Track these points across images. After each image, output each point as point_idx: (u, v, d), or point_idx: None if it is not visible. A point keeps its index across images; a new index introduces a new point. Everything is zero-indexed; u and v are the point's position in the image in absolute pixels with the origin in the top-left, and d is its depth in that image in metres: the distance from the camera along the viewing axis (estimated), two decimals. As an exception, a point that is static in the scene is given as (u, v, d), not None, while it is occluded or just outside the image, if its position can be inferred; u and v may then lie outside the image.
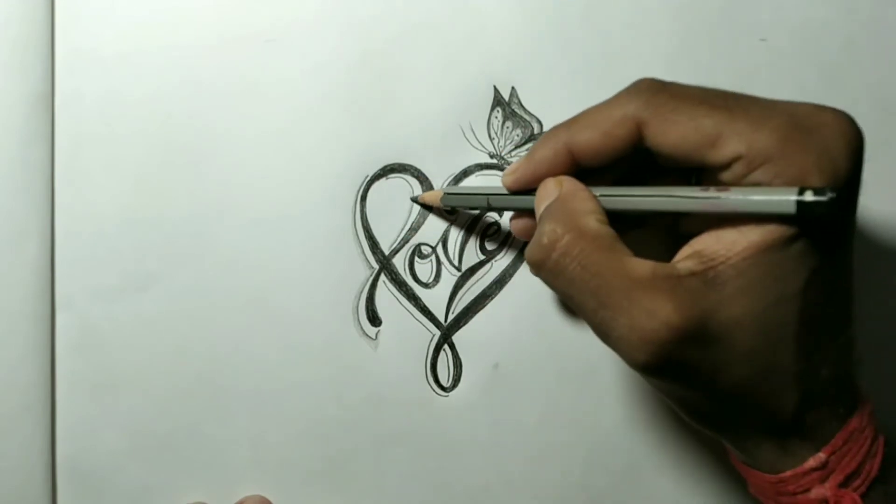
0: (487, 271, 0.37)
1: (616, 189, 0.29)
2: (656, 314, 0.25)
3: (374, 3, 0.36)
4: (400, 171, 0.36)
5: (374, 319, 0.36)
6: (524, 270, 0.37)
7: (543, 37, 0.37)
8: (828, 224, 0.26)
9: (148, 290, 0.36)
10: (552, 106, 0.37)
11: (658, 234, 0.32)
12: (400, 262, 0.37)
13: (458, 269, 0.37)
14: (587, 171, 0.30)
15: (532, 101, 0.37)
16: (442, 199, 0.35)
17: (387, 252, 0.36)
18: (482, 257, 0.37)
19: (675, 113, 0.27)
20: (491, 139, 0.37)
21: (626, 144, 0.28)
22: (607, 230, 0.28)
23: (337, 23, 0.36)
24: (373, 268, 0.36)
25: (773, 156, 0.25)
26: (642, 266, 0.26)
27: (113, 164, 0.36)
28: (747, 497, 0.31)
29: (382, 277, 0.36)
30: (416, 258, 0.37)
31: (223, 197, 0.36)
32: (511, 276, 0.37)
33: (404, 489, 0.37)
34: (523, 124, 0.37)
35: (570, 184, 0.30)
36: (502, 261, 0.37)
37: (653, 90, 0.28)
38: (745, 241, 0.26)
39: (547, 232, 0.28)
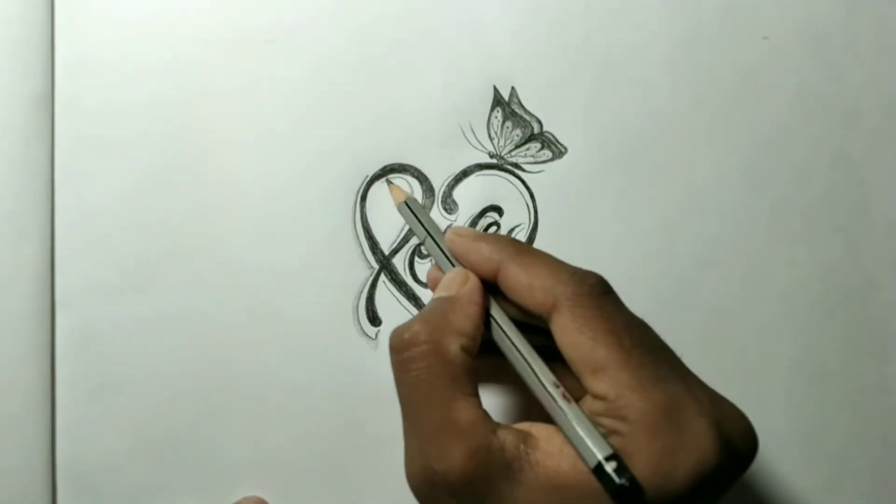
0: (487, 271, 0.37)
1: (502, 321, 0.29)
2: (446, 460, 0.26)
3: (374, 3, 0.36)
4: (400, 171, 0.36)
5: (374, 319, 0.36)
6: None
7: (543, 37, 0.37)
8: None
9: (148, 290, 0.36)
10: (552, 106, 0.37)
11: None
12: (400, 262, 0.37)
13: (458, 269, 0.37)
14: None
15: (532, 101, 0.37)
16: (398, 206, 0.35)
17: (387, 252, 0.36)
18: (482, 257, 0.37)
19: (588, 322, 0.27)
20: (491, 139, 0.37)
21: (538, 310, 0.28)
22: (463, 361, 0.28)
23: (337, 23, 0.36)
24: (373, 268, 0.36)
25: (628, 420, 0.25)
26: (468, 413, 0.27)
27: (113, 165, 0.36)
28: (746, 497, 0.31)
29: (382, 277, 0.36)
30: (416, 258, 0.37)
31: (223, 197, 0.36)
32: (511, 276, 0.37)
33: (404, 489, 0.36)
34: (523, 124, 0.37)
35: (470, 290, 0.30)
36: (502, 261, 0.37)
37: (591, 292, 0.28)
38: (557, 461, 0.26)
39: (413, 329, 0.28)
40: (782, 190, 0.37)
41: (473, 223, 0.37)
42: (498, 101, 0.36)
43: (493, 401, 0.35)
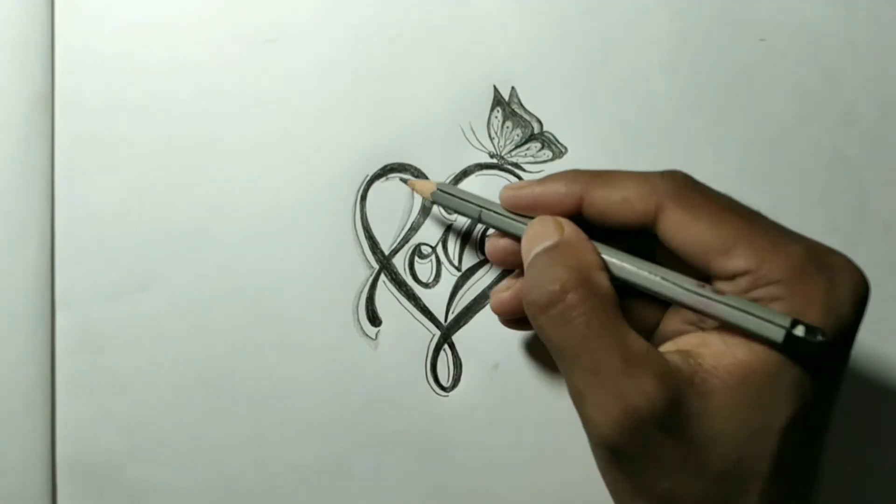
0: (487, 271, 0.37)
1: (614, 252, 0.28)
2: (645, 392, 0.25)
3: (374, 3, 0.36)
4: (400, 171, 0.36)
5: (374, 319, 0.36)
6: (524, 270, 0.37)
7: (543, 37, 0.37)
8: (816, 366, 0.25)
9: (148, 290, 0.36)
10: (552, 106, 0.37)
11: (643, 309, 0.31)
12: (400, 262, 0.37)
13: (458, 269, 0.37)
14: (584, 226, 0.29)
15: (532, 101, 0.37)
16: (433, 194, 0.34)
17: (387, 252, 0.36)
18: (482, 257, 0.37)
19: (698, 209, 0.27)
20: (491, 139, 0.37)
21: (640, 220, 0.28)
22: (614, 293, 0.27)
23: (337, 23, 0.36)
24: (373, 268, 0.36)
25: (781, 281, 0.25)
26: (640, 342, 0.26)
27: (113, 164, 0.36)
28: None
29: (382, 277, 0.36)
30: (416, 258, 0.37)
31: (223, 197, 0.36)
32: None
33: (404, 489, 0.37)
34: (523, 124, 0.37)
35: (573, 230, 0.29)
36: (502, 261, 0.37)
37: (686, 183, 0.28)
38: (731, 355, 0.25)
39: (557, 278, 0.27)
40: (779, 190, 0.38)
41: (473, 223, 0.37)
42: (498, 101, 0.37)
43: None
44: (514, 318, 0.33)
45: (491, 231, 0.35)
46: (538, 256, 0.28)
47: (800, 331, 0.24)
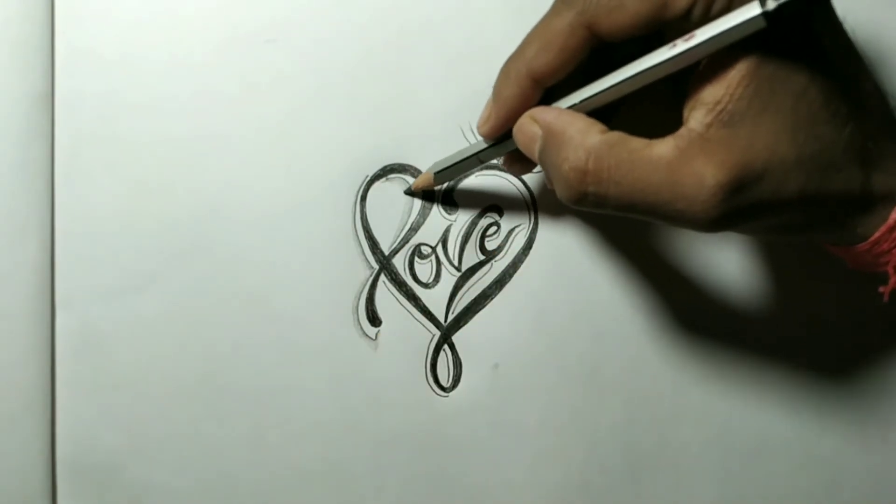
0: (487, 271, 0.37)
1: (586, 90, 0.29)
2: (704, 181, 0.26)
3: (373, 3, 0.36)
4: (400, 171, 0.36)
5: (374, 319, 0.36)
6: (524, 270, 0.37)
7: (543, 37, 0.37)
8: (805, 16, 0.26)
9: (148, 290, 0.36)
10: (552, 106, 0.37)
11: (659, 109, 0.31)
12: (400, 263, 0.37)
13: (458, 269, 0.37)
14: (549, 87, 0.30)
15: (532, 101, 0.37)
16: (435, 178, 0.35)
17: (387, 252, 0.36)
18: (482, 257, 0.37)
19: None
20: (491, 139, 0.37)
21: (583, 51, 0.29)
22: (614, 135, 0.28)
23: (337, 23, 0.36)
24: (373, 268, 0.36)
25: None
26: (665, 146, 0.27)
27: (113, 164, 0.36)
28: (747, 496, 0.31)
29: (382, 278, 0.36)
30: (416, 258, 0.37)
31: (223, 197, 0.36)
32: (511, 276, 0.37)
33: (404, 489, 0.37)
34: (523, 124, 0.37)
35: (545, 114, 0.30)
36: (502, 261, 0.37)
37: None
38: (735, 73, 0.26)
39: (566, 170, 0.28)
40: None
41: (473, 223, 0.37)
42: (498, 101, 0.37)
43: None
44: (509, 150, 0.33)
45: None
46: (541, 159, 0.30)
47: (770, 3, 0.24)
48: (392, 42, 0.36)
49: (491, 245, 0.37)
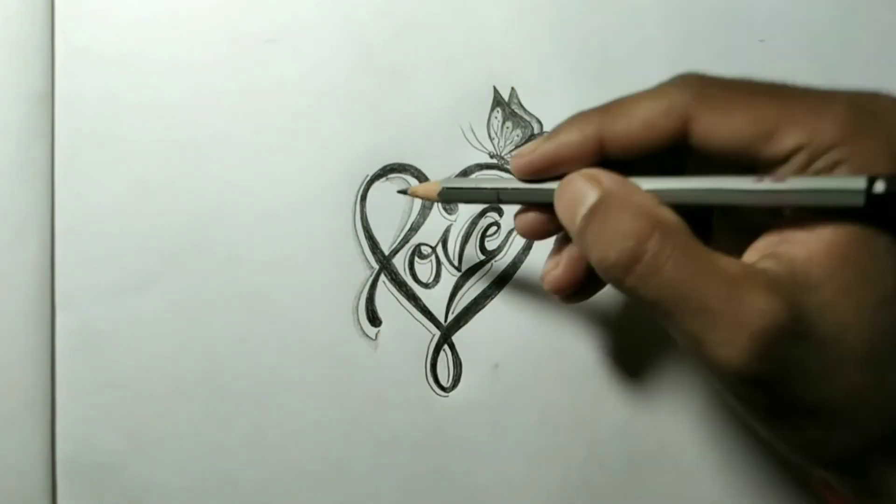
0: (487, 271, 0.37)
1: (657, 181, 0.26)
2: (763, 310, 0.23)
3: (374, 3, 0.36)
4: (400, 171, 0.36)
5: (374, 319, 0.36)
6: (524, 270, 0.37)
7: (543, 37, 0.37)
8: None
9: (148, 290, 0.36)
10: (552, 106, 0.37)
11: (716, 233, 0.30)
12: (400, 263, 0.37)
13: (458, 269, 0.37)
14: (611, 166, 0.27)
15: (532, 101, 0.37)
16: (441, 194, 0.32)
17: (387, 252, 0.36)
18: (482, 257, 0.37)
19: (727, 105, 0.25)
20: (491, 139, 0.37)
21: (669, 139, 0.26)
22: (684, 222, 0.25)
23: (337, 23, 0.36)
24: (373, 268, 0.36)
25: (837, 142, 0.24)
26: (733, 262, 0.24)
27: (113, 164, 0.36)
28: (747, 496, 0.31)
29: (382, 278, 0.36)
30: (416, 258, 0.37)
31: (223, 197, 0.36)
32: (511, 276, 0.37)
33: (404, 489, 0.37)
34: (523, 124, 0.37)
35: (609, 177, 0.26)
36: (502, 261, 0.37)
37: (703, 83, 0.26)
38: (818, 240, 0.24)
39: (627, 233, 0.24)
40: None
41: (473, 223, 0.37)
42: (498, 101, 0.37)
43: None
44: (573, 292, 0.31)
45: (516, 208, 0.31)
46: (588, 220, 0.26)
47: (880, 186, 0.22)
48: (392, 42, 0.36)
49: (491, 245, 0.37)
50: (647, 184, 0.26)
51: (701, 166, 0.26)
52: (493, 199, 0.30)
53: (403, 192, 0.35)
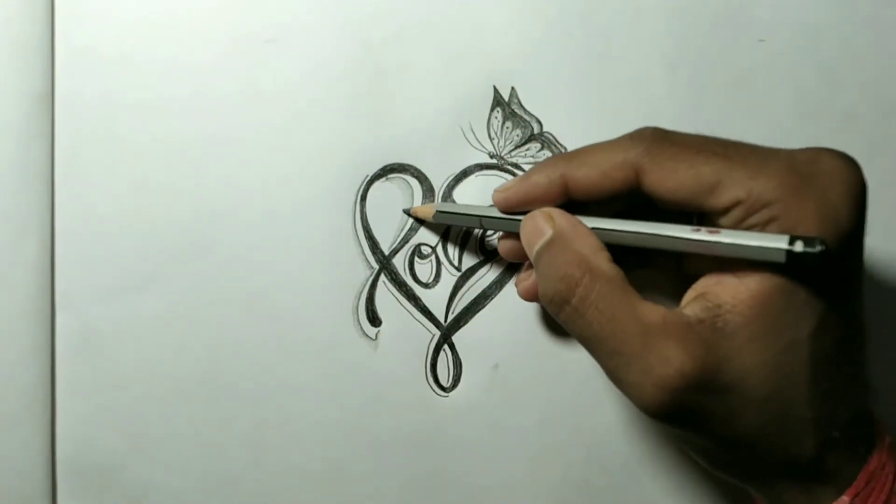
0: (487, 271, 0.37)
1: (608, 222, 0.29)
2: (670, 361, 0.25)
3: (373, 3, 0.36)
4: (400, 171, 0.36)
5: (374, 319, 0.36)
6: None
7: (543, 37, 0.37)
8: (827, 273, 0.26)
9: (148, 290, 0.36)
10: (552, 106, 0.37)
11: (662, 273, 0.32)
12: (400, 263, 0.37)
13: (458, 269, 0.37)
14: (578, 204, 0.30)
15: (532, 101, 0.37)
16: (434, 216, 0.35)
17: (387, 252, 0.36)
18: (482, 257, 0.37)
19: (673, 160, 0.27)
20: (491, 139, 0.37)
21: (623, 187, 0.29)
22: (618, 271, 0.28)
23: (337, 23, 0.36)
24: (373, 268, 0.36)
25: (772, 200, 0.26)
26: (654, 312, 0.26)
27: (113, 164, 0.36)
28: (747, 496, 0.31)
29: (382, 278, 0.36)
30: (416, 258, 0.37)
31: (223, 197, 0.36)
32: (511, 276, 0.37)
33: (404, 489, 0.37)
34: (523, 124, 0.37)
35: (563, 219, 0.30)
36: (502, 261, 0.37)
37: (654, 138, 0.28)
38: (745, 289, 0.26)
39: (561, 276, 0.28)
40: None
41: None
42: (498, 101, 0.37)
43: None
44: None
45: (498, 233, 0.36)
46: (539, 255, 0.29)
47: (798, 246, 0.24)
48: (392, 42, 0.36)
49: (491, 245, 0.37)
50: (596, 223, 0.29)
51: (657, 208, 0.29)
52: (477, 225, 0.34)
53: (407, 211, 0.36)
